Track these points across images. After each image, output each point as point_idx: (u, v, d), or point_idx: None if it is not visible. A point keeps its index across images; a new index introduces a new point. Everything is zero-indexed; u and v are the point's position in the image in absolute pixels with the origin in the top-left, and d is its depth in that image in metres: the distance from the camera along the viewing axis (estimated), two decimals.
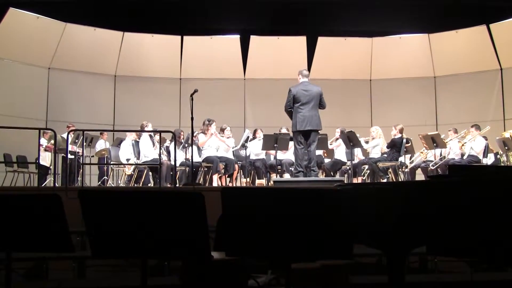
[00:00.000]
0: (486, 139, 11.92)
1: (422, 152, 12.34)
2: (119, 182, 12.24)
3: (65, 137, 10.80)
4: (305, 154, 9.37)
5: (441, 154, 12.02)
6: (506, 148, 11.57)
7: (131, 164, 11.61)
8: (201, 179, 11.29)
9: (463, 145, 11.52)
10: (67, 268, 5.44)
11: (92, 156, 12.72)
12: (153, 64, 15.80)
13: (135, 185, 11.32)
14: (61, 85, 14.98)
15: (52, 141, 11.09)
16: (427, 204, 2.71)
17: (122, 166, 12.03)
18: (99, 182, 12.65)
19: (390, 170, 11.36)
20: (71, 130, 10.84)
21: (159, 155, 10.02)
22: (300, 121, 9.19)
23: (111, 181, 12.32)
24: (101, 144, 13.11)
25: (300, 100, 9.25)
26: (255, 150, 11.99)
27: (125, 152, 11.82)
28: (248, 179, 11.76)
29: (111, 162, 12.11)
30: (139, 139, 11.59)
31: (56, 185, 10.21)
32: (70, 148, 10.97)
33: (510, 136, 11.87)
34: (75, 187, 9.41)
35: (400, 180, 11.15)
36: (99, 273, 5.63)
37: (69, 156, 10.90)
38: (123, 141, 12.13)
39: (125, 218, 2.94)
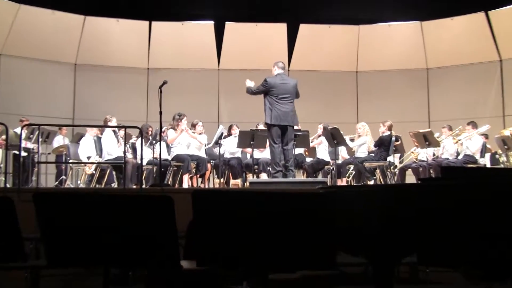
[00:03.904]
0: (487, 138, 11.99)
1: (413, 152, 12.42)
2: (79, 182, 12.14)
3: (18, 132, 10.69)
4: (281, 152, 9.41)
5: (434, 154, 12.09)
6: (506, 147, 11.59)
7: (93, 163, 11.53)
8: (170, 179, 11.25)
9: (457, 141, 11.53)
10: (19, 279, 5.38)
11: (49, 154, 12.59)
12: (117, 52, 15.71)
13: (97, 186, 11.24)
14: (14, 74, 14.82)
15: (3, 137, 10.94)
16: (418, 209, 2.73)
17: (82, 164, 11.93)
18: (56, 183, 12.53)
19: (377, 170, 11.41)
20: (25, 125, 10.71)
21: (124, 152, 9.96)
22: (277, 115, 9.27)
23: (69, 181, 12.20)
24: (59, 140, 12.98)
25: (278, 93, 9.32)
26: (230, 148, 11.98)
27: (86, 149, 11.73)
28: (222, 180, 11.74)
29: (70, 160, 12.00)
30: (102, 135, 11.51)
31: (7, 185, 10.11)
32: (23, 144, 10.85)
33: (511, 134, 11.91)
34: (29, 188, 9.31)
35: (388, 181, 11.21)
36: (55, 283, 5.58)
37: (23, 153, 10.77)
38: (84, 137, 12.03)
39: (85, 223, 2.92)
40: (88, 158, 11.64)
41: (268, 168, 10.96)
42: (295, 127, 9.84)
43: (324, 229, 2.77)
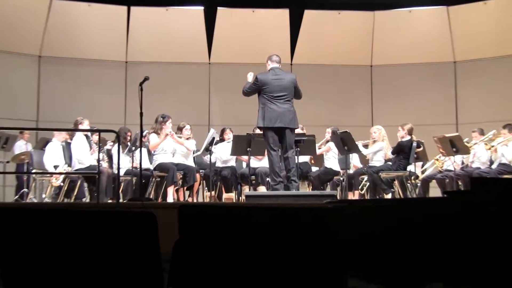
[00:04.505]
0: None
1: (437, 160, 12.40)
2: (44, 196, 12.12)
3: None
4: (282, 160, 9.40)
5: (462, 162, 12.07)
6: None
7: (60, 173, 11.51)
8: (153, 192, 11.25)
9: (490, 148, 11.47)
10: None
11: (7, 162, 12.57)
12: (90, 42, 15.69)
13: (65, 200, 11.23)
14: None
15: None
16: (443, 227, 2.73)
17: (47, 175, 11.92)
18: (17, 197, 12.51)
19: (395, 182, 11.41)
20: None
21: (98, 161, 9.95)
22: (270, 116, 9.22)
23: (32, 195, 12.19)
24: (21, 146, 12.98)
25: (270, 91, 9.28)
26: (223, 156, 11.98)
27: (53, 157, 11.71)
28: (213, 193, 11.74)
29: (33, 170, 11.99)
30: (72, 140, 11.49)
31: None
32: None
33: None
34: None
35: (408, 195, 11.21)
36: None
37: None
38: (50, 142, 12.01)
39: (51, 244, 2.91)
40: (55, 167, 11.62)
41: (268, 179, 10.97)
42: (297, 131, 9.83)
43: (333, 250, 2.77)
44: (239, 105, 14.12)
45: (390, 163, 11.50)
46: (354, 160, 12.50)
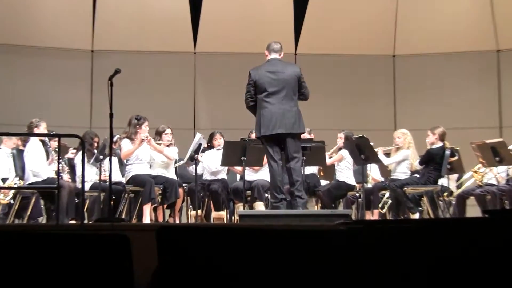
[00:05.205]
0: None
1: (476, 171, 12.40)
2: None
3: None
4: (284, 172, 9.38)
5: (507, 175, 12.07)
6: None
7: (10, 188, 11.51)
8: (125, 211, 11.24)
9: None
10: None
11: None
12: (48, 26, 15.69)
13: (16, 221, 11.22)
14: None
15: None
16: (483, 255, 2.73)
17: None
18: None
19: (424, 199, 11.42)
20: None
21: (58, 173, 9.95)
22: (267, 121, 9.12)
23: None
24: None
25: (265, 89, 9.21)
26: (212, 166, 11.99)
27: (0, 168, 11.71)
28: (199, 212, 11.74)
29: None
30: (24, 147, 11.49)
31: None
32: None
33: None
34: None
35: (441, 214, 11.21)
36: None
37: None
38: None
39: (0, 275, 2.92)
40: (3, 181, 11.61)
41: (267, 195, 10.97)
42: (303, 136, 9.82)
43: (347, 282, 2.77)
44: (231, 104, 14.14)
45: (417, 175, 11.51)
46: (373, 172, 12.53)
